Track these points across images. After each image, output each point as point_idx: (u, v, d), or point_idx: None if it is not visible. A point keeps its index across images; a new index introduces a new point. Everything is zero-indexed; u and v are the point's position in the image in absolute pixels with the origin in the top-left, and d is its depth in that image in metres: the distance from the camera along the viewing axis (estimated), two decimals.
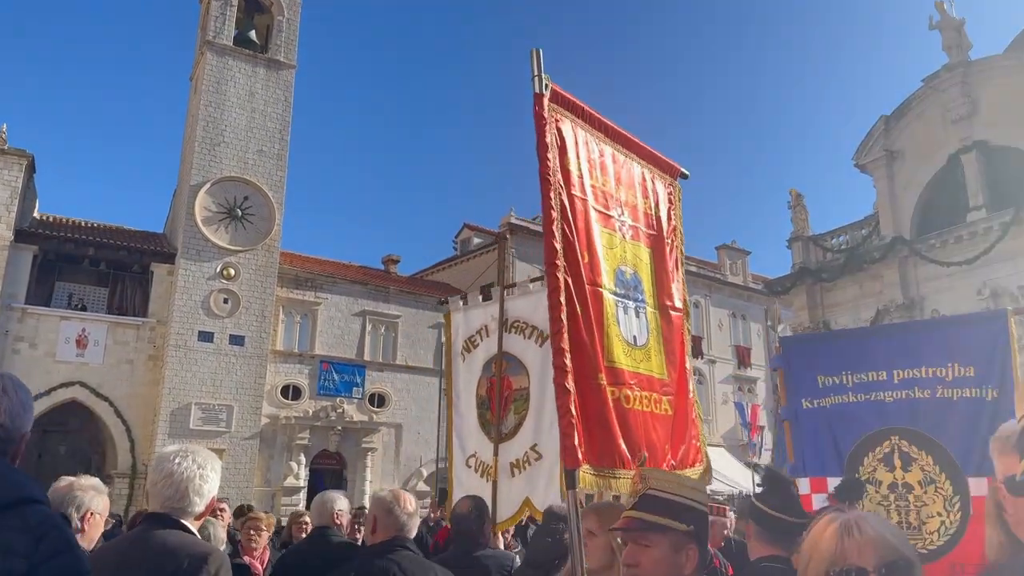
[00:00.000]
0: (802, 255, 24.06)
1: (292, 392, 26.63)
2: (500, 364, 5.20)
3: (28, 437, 1.86)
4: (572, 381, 2.66)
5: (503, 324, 5.30)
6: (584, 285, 2.94)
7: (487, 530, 4.02)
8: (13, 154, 23.61)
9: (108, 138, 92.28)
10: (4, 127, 23.59)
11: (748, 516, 2.73)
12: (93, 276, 25.46)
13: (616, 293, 3.24)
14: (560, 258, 2.78)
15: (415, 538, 3.20)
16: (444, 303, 6.19)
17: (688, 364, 3.70)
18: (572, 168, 3.08)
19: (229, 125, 26.65)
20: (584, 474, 2.67)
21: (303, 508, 21.26)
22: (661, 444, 3.22)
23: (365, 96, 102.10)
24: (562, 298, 2.71)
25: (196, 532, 2.51)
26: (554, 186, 2.87)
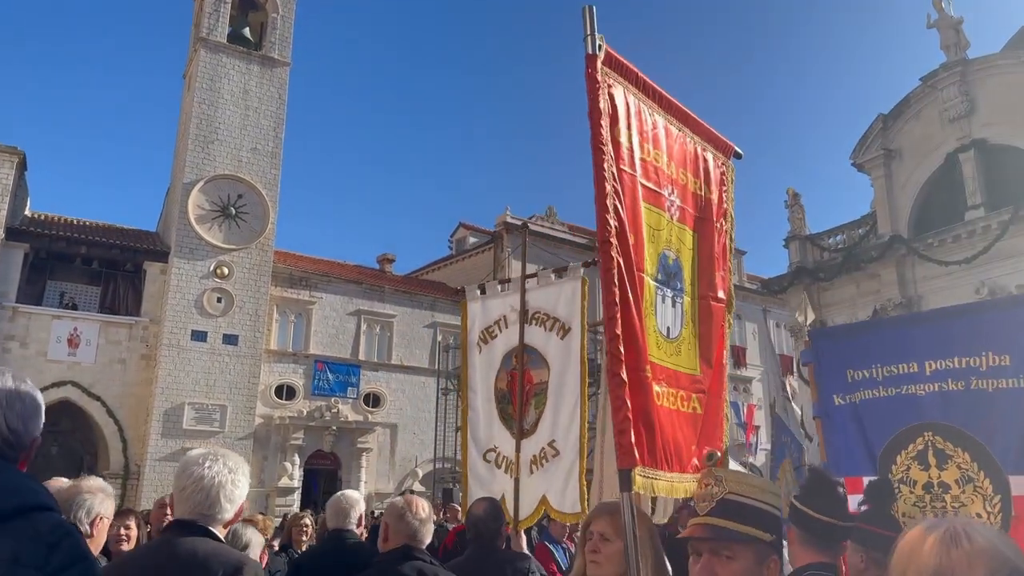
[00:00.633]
0: (799, 254, 24.01)
1: (286, 392, 26.45)
2: (522, 357, 5.06)
3: (39, 442, 1.74)
4: (626, 371, 2.48)
5: (524, 315, 5.15)
6: (633, 270, 2.72)
7: (503, 532, 3.88)
8: (4, 151, 23.39)
9: (100, 135, 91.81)
10: None
11: (790, 520, 2.53)
12: (85, 275, 25.24)
13: (657, 280, 3.01)
14: (614, 236, 2.58)
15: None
16: (460, 292, 6.06)
17: (725, 360, 3.48)
18: (622, 139, 2.84)
19: (223, 123, 26.46)
20: (635, 475, 2.45)
21: (297, 509, 21.14)
22: (687, 445, 2.99)
23: (360, 94, 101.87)
24: (616, 281, 2.52)
25: (223, 539, 2.34)
26: (607, 157, 2.65)
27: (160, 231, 27.78)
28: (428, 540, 3.07)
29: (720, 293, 3.53)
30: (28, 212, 25.83)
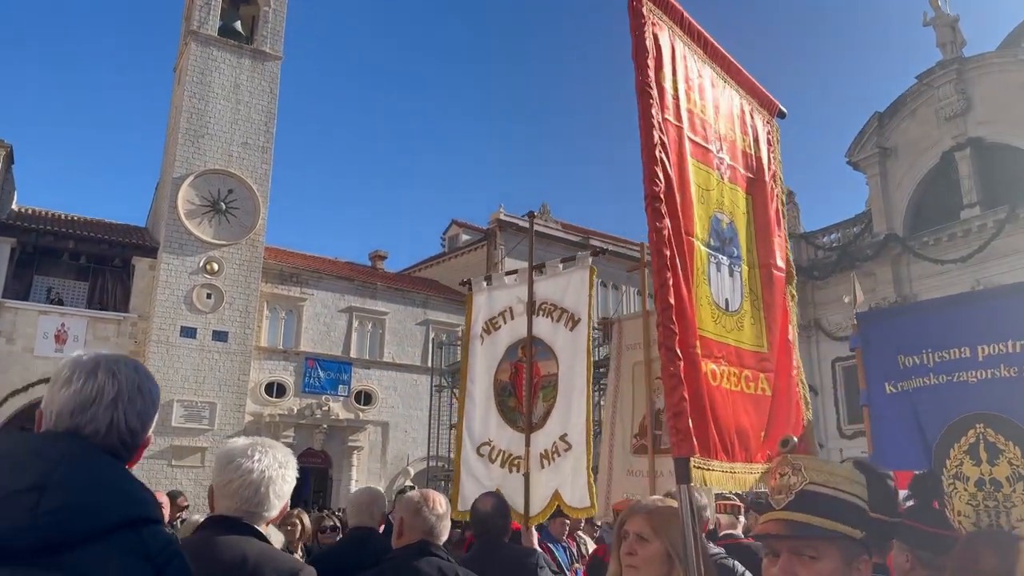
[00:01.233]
0: (794, 253, 23.84)
1: (276, 389, 26.18)
2: (530, 349, 4.92)
3: (151, 443, 1.60)
4: (679, 347, 2.20)
5: (532, 307, 5.01)
6: (681, 234, 2.41)
7: (509, 527, 3.70)
8: None
9: (89, 129, 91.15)
10: None
11: None
12: (73, 270, 24.90)
13: (710, 246, 2.69)
14: (663, 194, 2.28)
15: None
16: (466, 284, 5.96)
17: (791, 335, 3.10)
18: (667, 86, 2.53)
19: (213, 117, 26.16)
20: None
21: (288, 508, 20.92)
22: (755, 431, 2.67)
23: (352, 89, 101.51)
24: (667, 243, 2.25)
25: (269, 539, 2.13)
26: (654, 101, 2.35)
27: (149, 226, 27.46)
28: (445, 537, 2.88)
29: (779, 261, 3.20)
30: (15, 206, 25.48)
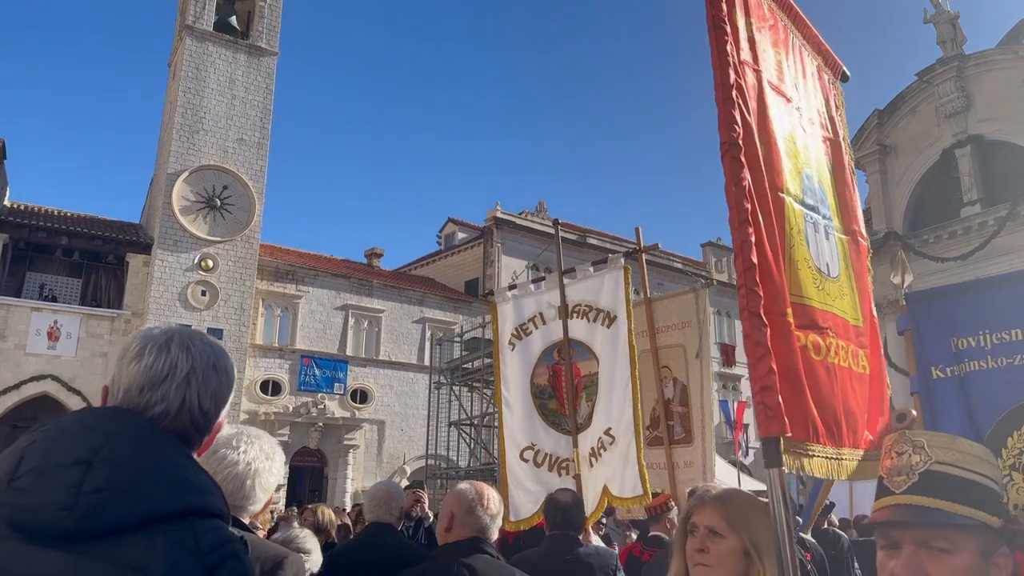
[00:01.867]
0: None
1: (272, 387, 25.99)
2: (567, 351, 4.96)
3: (223, 428, 1.45)
4: (765, 312, 1.90)
5: (565, 310, 5.06)
6: (765, 189, 2.11)
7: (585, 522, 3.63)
8: None
9: (83, 124, 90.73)
10: None
11: None
12: (66, 266, 24.71)
13: (805, 204, 2.38)
14: (741, 140, 1.98)
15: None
16: (489, 295, 6.03)
17: (874, 311, 2.75)
18: (740, 24, 2.24)
19: (208, 112, 25.96)
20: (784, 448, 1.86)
21: (282, 507, 20.71)
22: (860, 413, 2.33)
23: (349, 86, 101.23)
24: (747, 195, 1.96)
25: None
26: (728, 37, 2.05)
27: (143, 222, 27.26)
28: (495, 537, 2.68)
29: (863, 229, 2.89)
30: (7, 202, 25.24)
